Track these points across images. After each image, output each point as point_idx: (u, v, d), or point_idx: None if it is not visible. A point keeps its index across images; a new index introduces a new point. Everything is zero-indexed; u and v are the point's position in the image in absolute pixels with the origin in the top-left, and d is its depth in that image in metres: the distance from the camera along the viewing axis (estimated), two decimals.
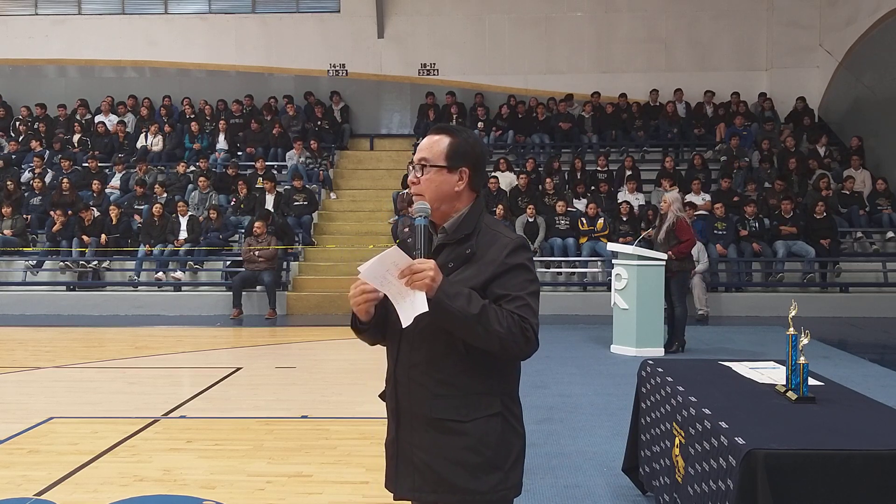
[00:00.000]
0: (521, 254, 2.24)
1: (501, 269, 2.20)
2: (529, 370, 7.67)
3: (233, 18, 17.89)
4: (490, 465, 2.23)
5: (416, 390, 2.27)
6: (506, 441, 2.26)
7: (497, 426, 2.24)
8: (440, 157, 2.30)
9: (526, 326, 2.14)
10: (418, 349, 2.27)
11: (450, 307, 2.10)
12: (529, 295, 2.20)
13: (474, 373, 2.23)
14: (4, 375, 7.86)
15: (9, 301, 12.60)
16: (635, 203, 13.57)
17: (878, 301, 12.21)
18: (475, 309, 2.10)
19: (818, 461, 2.69)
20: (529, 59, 17.54)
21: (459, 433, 2.22)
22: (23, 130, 16.96)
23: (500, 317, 2.12)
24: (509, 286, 2.19)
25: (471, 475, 2.22)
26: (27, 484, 4.64)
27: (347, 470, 4.89)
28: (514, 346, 2.14)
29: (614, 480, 4.59)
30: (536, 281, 2.26)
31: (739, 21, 17.24)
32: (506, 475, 2.25)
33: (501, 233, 2.28)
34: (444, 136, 2.33)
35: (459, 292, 2.12)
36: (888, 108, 14.70)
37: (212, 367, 8.24)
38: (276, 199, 13.91)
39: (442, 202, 2.31)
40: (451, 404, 2.23)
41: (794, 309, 3.41)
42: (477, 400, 2.23)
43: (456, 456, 2.23)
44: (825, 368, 6.82)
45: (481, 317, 2.10)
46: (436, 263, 2.14)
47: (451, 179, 2.30)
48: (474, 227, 2.29)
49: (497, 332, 2.11)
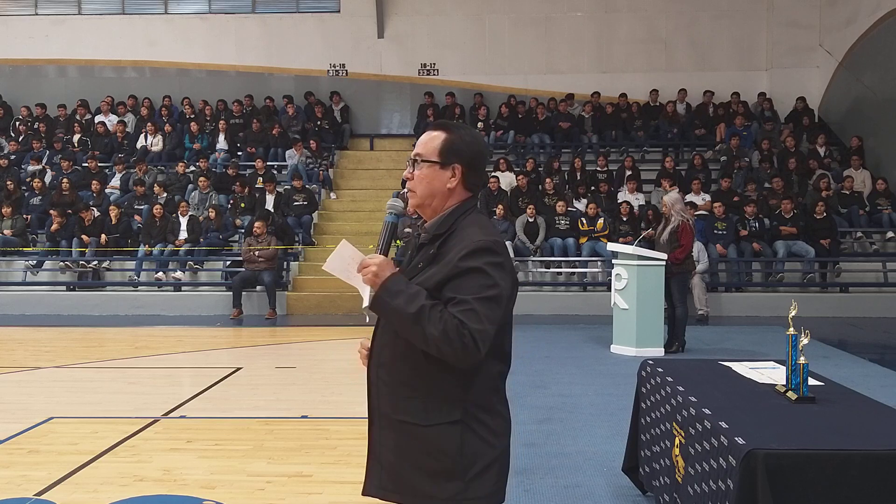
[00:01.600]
0: (479, 257, 2.13)
1: (454, 272, 2.13)
2: (529, 370, 7.72)
3: (233, 18, 17.89)
4: (448, 472, 2.18)
5: (382, 390, 2.27)
6: (468, 450, 2.18)
7: (456, 434, 2.18)
8: (433, 153, 2.28)
9: (464, 332, 2.05)
10: (385, 348, 2.28)
11: (388, 304, 2.11)
12: (478, 300, 2.09)
13: (434, 376, 2.18)
14: (4, 375, 7.86)
15: (9, 301, 12.60)
16: (635, 203, 13.57)
17: (878, 301, 12.20)
18: (412, 308, 2.07)
19: (818, 461, 2.69)
20: (529, 59, 17.54)
21: (419, 437, 2.20)
22: (23, 130, 16.95)
23: (439, 319, 2.06)
24: (459, 289, 2.11)
25: (430, 480, 2.19)
26: (27, 484, 4.64)
27: (347, 470, 4.89)
28: (450, 351, 2.06)
29: (614, 480, 4.59)
30: (494, 287, 2.12)
31: (739, 21, 17.24)
32: (466, 485, 2.18)
33: (469, 234, 2.18)
34: (441, 132, 2.31)
35: (402, 290, 2.10)
36: (888, 108, 14.69)
37: (212, 367, 8.24)
38: (276, 199, 13.91)
39: (433, 198, 2.28)
40: (412, 407, 2.21)
41: (794, 309, 3.41)
42: (437, 405, 2.19)
43: (416, 459, 2.20)
44: (825, 368, 6.82)
45: (418, 317, 2.06)
46: (385, 260, 2.16)
47: (443, 176, 2.27)
48: (449, 227, 2.24)
49: (432, 335, 2.05)
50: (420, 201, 2.30)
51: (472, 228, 2.21)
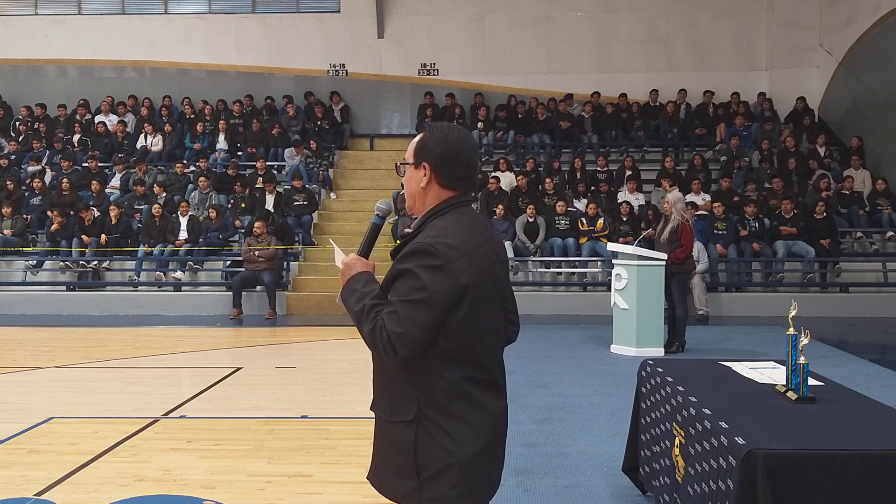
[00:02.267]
0: (412, 259, 2.13)
1: (391, 274, 2.20)
2: (529, 370, 7.73)
3: (233, 18, 17.89)
4: (404, 470, 2.23)
5: (374, 384, 2.38)
6: (422, 452, 2.19)
7: (410, 434, 2.20)
8: (410, 154, 2.33)
9: (383, 334, 2.10)
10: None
11: (344, 301, 2.24)
12: (402, 303, 2.10)
13: (391, 376, 2.25)
14: (4, 375, 7.86)
15: (9, 301, 12.60)
16: (635, 203, 13.57)
17: (878, 301, 12.20)
18: (357, 307, 2.18)
19: (818, 461, 2.69)
20: (529, 59, 17.54)
21: (386, 432, 2.29)
22: (23, 130, 16.96)
23: (371, 319, 2.14)
24: (392, 291, 2.17)
25: (395, 474, 2.26)
26: (27, 484, 4.65)
27: (347, 470, 4.89)
28: (375, 352, 2.17)
29: (614, 480, 4.59)
30: (422, 290, 2.10)
31: (739, 21, 17.24)
32: (420, 485, 2.19)
33: (420, 236, 2.20)
34: (420, 133, 2.36)
35: (356, 290, 2.21)
36: (888, 108, 14.69)
37: (212, 367, 8.24)
38: (276, 199, 13.91)
39: (414, 200, 2.33)
40: (382, 402, 2.30)
41: (794, 309, 3.41)
42: (399, 403, 2.24)
43: (385, 453, 2.30)
44: (825, 368, 6.82)
45: (360, 315, 2.17)
46: (354, 260, 2.28)
47: (417, 176, 2.30)
48: (417, 228, 2.27)
49: (365, 333, 2.16)
50: (411, 203, 2.36)
51: (427, 230, 2.22)
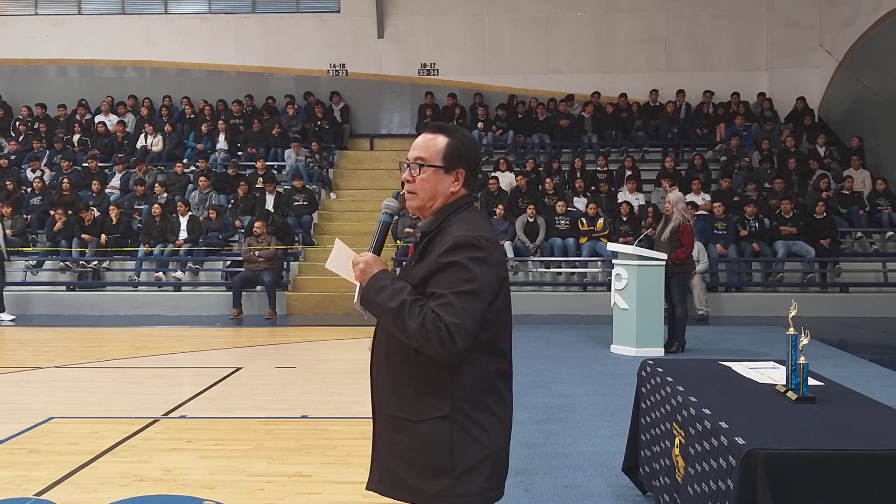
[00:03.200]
0: (459, 252, 2.16)
1: (435, 268, 2.18)
2: (529, 370, 7.72)
3: (233, 18, 17.89)
4: (437, 468, 2.20)
5: (380, 386, 2.33)
6: (458, 447, 2.20)
7: (445, 430, 2.20)
8: (437, 157, 2.30)
9: (440, 325, 2.08)
10: (380, 345, 2.33)
11: (373, 299, 2.18)
12: (455, 294, 2.11)
13: (423, 372, 2.21)
14: (4, 375, 7.86)
15: (9, 301, 12.59)
16: (635, 203, 13.57)
17: (878, 301, 12.20)
18: (394, 303, 2.13)
19: (818, 461, 2.69)
20: (529, 59, 17.54)
21: (410, 432, 2.23)
22: (23, 130, 16.96)
23: (418, 314, 2.10)
24: (438, 284, 2.15)
25: (420, 476, 2.22)
26: (27, 484, 4.64)
27: (347, 470, 4.89)
28: (428, 345, 2.11)
29: (614, 480, 4.59)
30: (473, 281, 2.13)
31: (739, 21, 17.24)
32: (454, 481, 2.19)
33: (453, 231, 2.22)
34: (440, 135, 2.32)
35: (385, 286, 2.17)
36: (888, 108, 14.69)
37: (212, 367, 8.24)
38: (276, 199, 13.91)
39: (435, 201, 2.32)
40: (403, 402, 2.25)
41: (794, 309, 3.41)
42: (427, 400, 2.21)
43: (407, 455, 2.24)
44: (825, 368, 6.82)
45: (399, 311, 2.12)
46: (373, 257, 2.24)
47: (447, 180, 2.31)
48: (438, 225, 2.28)
49: (412, 329, 2.10)
50: (422, 203, 2.33)
51: (458, 225, 2.24)
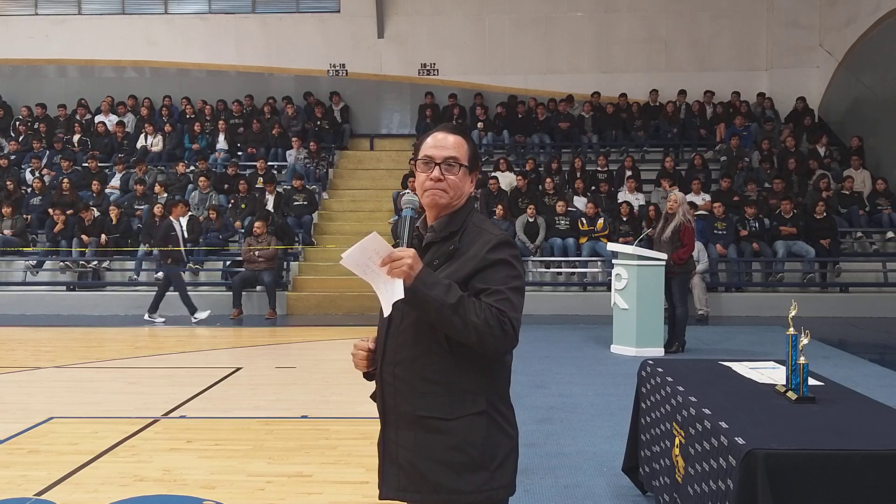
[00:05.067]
0: (504, 250, 2.23)
1: (483, 265, 2.19)
2: (529, 370, 7.72)
3: (233, 18, 17.89)
4: (475, 464, 2.22)
5: (401, 388, 2.28)
6: (492, 441, 2.24)
7: (482, 425, 2.23)
8: (466, 158, 2.35)
9: (504, 320, 2.12)
10: (403, 346, 2.28)
11: (426, 295, 2.10)
12: (510, 290, 2.17)
13: (458, 370, 2.22)
14: (4, 375, 7.86)
15: (9, 301, 12.60)
16: (635, 203, 13.57)
17: (878, 301, 12.20)
18: (452, 298, 2.10)
19: (818, 461, 2.69)
20: (529, 59, 17.54)
21: (443, 431, 2.22)
22: (23, 130, 16.96)
23: (479, 309, 2.11)
24: (490, 280, 2.18)
25: (455, 474, 2.21)
26: (27, 484, 4.64)
27: (347, 470, 4.89)
28: (491, 339, 2.11)
29: (614, 480, 4.59)
30: (520, 278, 2.23)
31: (739, 21, 17.24)
32: (491, 475, 2.23)
33: (486, 230, 2.28)
34: (462, 138, 2.38)
35: (437, 282, 2.13)
36: (888, 108, 14.69)
37: (212, 367, 8.24)
38: (276, 199, 13.91)
39: (459, 200, 2.35)
40: (436, 402, 2.23)
41: (794, 309, 3.41)
42: (462, 398, 2.22)
43: (440, 455, 2.22)
44: (825, 368, 6.82)
45: (458, 307, 2.10)
46: (415, 253, 2.15)
47: (468, 181, 2.38)
48: (461, 224, 2.31)
49: (474, 324, 2.10)
50: (449, 202, 2.33)
51: (484, 224, 2.32)
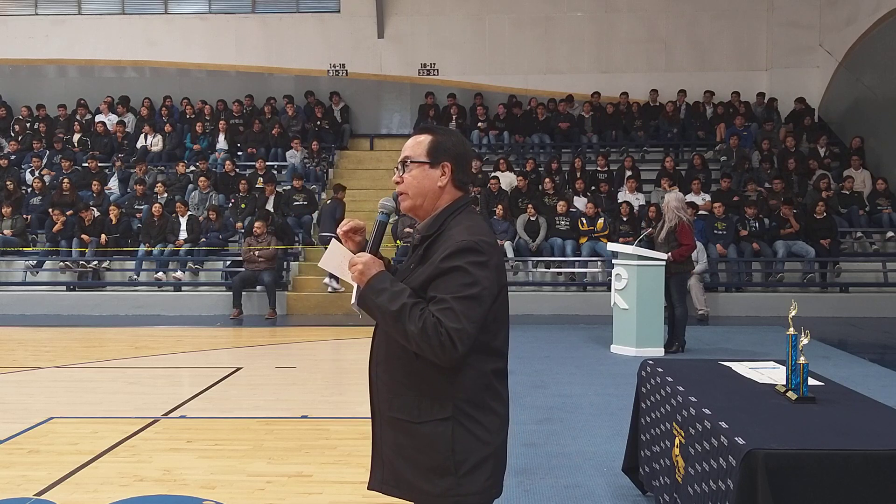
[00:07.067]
0: (461, 257, 2.17)
1: (436, 272, 2.18)
2: (529, 370, 7.72)
3: (233, 18, 17.90)
4: (441, 468, 2.22)
5: (380, 388, 2.34)
6: (460, 447, 2.22)
7: (447, 431, 2.22)
8: (422, 154, 2.34)
9: (441, 330, 2.09)
10: (380, 347, 2.34)
11: (372, 301, 2.18)
12: (457, 299, 2.12)
13: (424, 375, 2.22)
14: (4, 375, 7.86)
15: (9, 301, 12.60)
16: (635, 203, 13.57)
17: (878, 301, 12.20)
18: (394, 306, 2.13)
19: (818, 461, 2.69)
20: (529, 59, 17.54)
21: (412, 433, 2.26)
22: (23, 130, 16.96)
23: (419, 318, 2.11)
24: (440, 288, 2.16)
25: (423, 476, 2.24)
26: (27, 484, 4.64)
27: (347, 470, 4.89)
28: (429, 349, 2.11)
29: (614, 480, 4.59)
30: (475, 286, 2.15)
31: (739, 21, 17.25)
32: (458, 481, 2.22)
33: (453, 235, 2.23)
34: (426, 134, 2.38)
35: (385, 289, 2.16)
36: (888, 108, 14.69)
37: (212, 367, 8.24)
38: (276, 199, 13.91)
39: (424, 199, 2.34)
40: (405, 404, 2.27)
41: (794, 309, 3.41)
42: (429, 402, 2.24)
43: (410, 455, 2.27)
44: (825, 368, 6.82)
45: (400, 314, 2.12)
46: (371, 258, 2.23)
47: (433, 175, 2.33)
48: (438, 227, 2.29)
49: (411, 332, 2.11)
50: (412, 202, 2.35)
51: (458, 228, 2.26)
